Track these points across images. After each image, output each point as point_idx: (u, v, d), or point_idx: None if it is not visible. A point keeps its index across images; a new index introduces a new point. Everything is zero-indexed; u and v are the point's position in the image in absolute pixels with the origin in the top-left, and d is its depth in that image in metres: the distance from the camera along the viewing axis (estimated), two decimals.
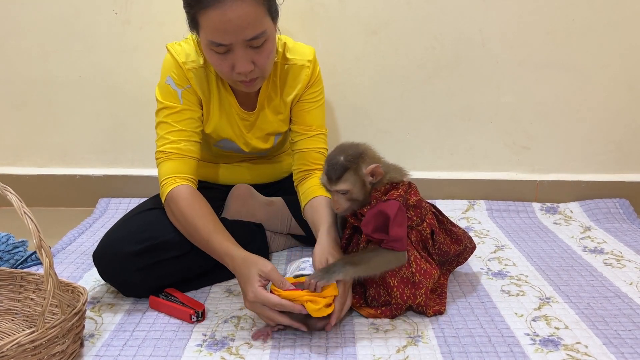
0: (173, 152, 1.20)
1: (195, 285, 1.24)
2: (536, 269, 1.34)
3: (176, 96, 1.22)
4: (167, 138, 1.21)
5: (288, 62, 1.28)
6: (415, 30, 1.72)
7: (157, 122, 1.24)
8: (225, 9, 1.03)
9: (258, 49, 1.10)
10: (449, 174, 1.84)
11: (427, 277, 1.09)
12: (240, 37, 1.06)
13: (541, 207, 1.77)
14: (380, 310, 1.10)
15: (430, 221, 1.13)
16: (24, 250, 1.38)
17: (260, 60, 1.12)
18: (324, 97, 1.35)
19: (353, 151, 1.06)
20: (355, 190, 1.06)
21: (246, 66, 1.10)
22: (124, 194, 1.85)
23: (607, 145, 1.81)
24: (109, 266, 1.14)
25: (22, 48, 1.77)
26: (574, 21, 1.69)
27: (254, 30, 1.06)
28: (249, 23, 1.05)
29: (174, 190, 1.16)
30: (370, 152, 1.09)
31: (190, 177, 1.20)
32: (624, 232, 1.58)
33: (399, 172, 1.12)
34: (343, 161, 1.05)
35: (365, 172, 1.05)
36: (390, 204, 1.05)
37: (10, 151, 1.88)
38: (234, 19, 1.04)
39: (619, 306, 1.15)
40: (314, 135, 1.31)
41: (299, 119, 1.32)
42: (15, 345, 0.81)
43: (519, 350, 0.99)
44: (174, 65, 1.22)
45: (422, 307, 1.09)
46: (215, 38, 1.07)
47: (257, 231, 1.36)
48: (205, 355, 0.98)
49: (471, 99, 1.78)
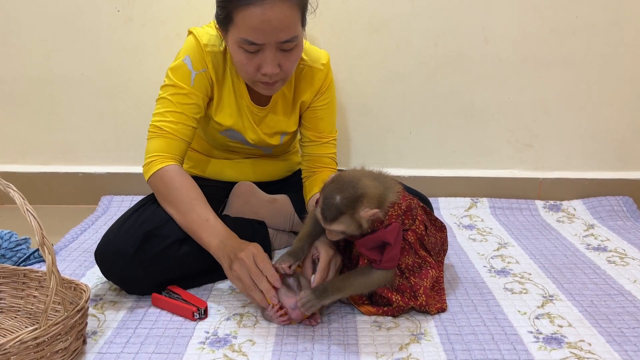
0: (168, 132, 1.20)
1: (198, 283, 1.24)
2: (539, 266, 1.33)
3: (189, 77, 1.21)
4: (165, 116, 1.21)
5: (303, 62, 1.28)
6: (417, 28, 1.71)
7: (160, 96, 1.23)
8: (265, 8, 1.03)
9: (287, 52, 1.11)
10: (452, 171, 1.84)
11: (423, 277, 1.09)
12: (275, 39, 1.07)
13: (544, 205, 1.77)
14: (382, 310, 1.10)
15: (421, 217, 1.11)
16: (26, 247, 1.39)
17: (287, 65, 1.13)
18: (335, 102, 1.36)
19: (351, 193, 0.98)
20: (350, 230, 1.01)
21: (273, 68, 1.11)
22: (126, 192, 1.85)
23: (611, 143, 1.80)
24: (110, 264, 1.14)
25: (24, 46, 1.77)
26: (577, 18, 1.69)
27: (288, 33, 1.07)
28: (286, 25, 1.06)
29: (164, 168, 1.18)
30: (370, 192, 0.99)
31: (180, 159, 1.22)
32: (627, 230, 1.58)
33: (393, 187, 1.06)
34: (339, 204, 0.98)
35: (363, 217, 0.99)
36: (390, 229, 1.02)
37: (13, 149, 1.88)
38: (273, 19, 1.04)
39: (622, 304, 1.14)
40: (326, 142, 1.34)
41: (312, 125, 1.33)
42: (18, 343, 0.81)
43: (522, 348, 0.98)
44: (195, 46, 1.22)
45: (424, 307, 1.09)
46: (250, 36, 1.07)
47: (260, 229, 1.36)
48: (207, 353, 0.98)
49: (474, 96, 1.78)
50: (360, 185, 0.99)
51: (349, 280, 1.06)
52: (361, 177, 1.02)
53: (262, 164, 1.46)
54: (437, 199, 1.78)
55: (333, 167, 1.36)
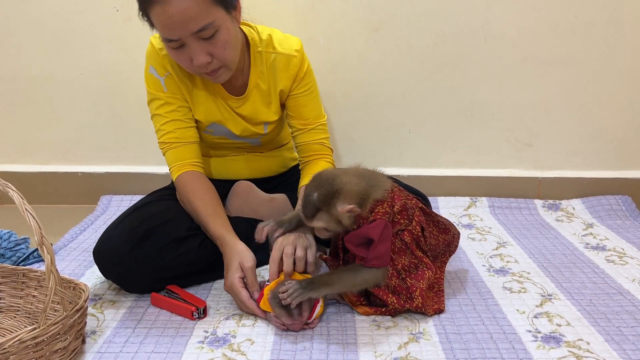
0: (172, 142, 1.26)
1: (197, 281, 1.24)
2: (538, 265, 1.33)
3: (160, 84, 1.25)
4: (163, 130, 1.27)
5: (275, 52, 1.28)
6: (417, 27, 1.71)
7: (152, 114, 1.29)
8: (166, 5, 1.04)
9: (210, 40, 1.10)
10: (451, 170, 1.84)
11: (419, 278, 1.08)
12: (187, 31, 1.07)
13: (543, 204, 1.77)
14: (380, 311, 1.09)
15: (418, 218, 1.10)
16: (26, 247, 1.39)
17: (217, 51, 1.12)
18: (316, 88, 1.35)
19: (327, 189, 1.00)
20: (332, 226, 1.03)
21: (202, 59, 1.11)
22: (125, 191, 1.85)
23: (610, 142, 1.80)
24: (108, 262, 1.15)
25: (23, 45, 1.77)
26: (577, 17, 1.68)
27: (198, 22, 1.06)
28: (191, 16, 1.05)
29: (179, 177, 1.25)
30: (347, 188, 1.00)
31: (193, 162, 1.27)
32: (626, 229, 1.58)
33: (381, 185, 1.06)
34: (315, 200, 1.00)
35: (340, 212, 1.00)
36: (374, 225, 1.01)
37: (12, 149, 1.88)
38: (175, 14, 1.04)
39: (621, 303, 1.14)
40: (313, 129, 1.33)
41: (296, 114, 1.33)
42: (17, 342, 0.81)
43: (521, 347, 0.98)
44: (153, 53, 1.25)
45: (420, 309, 1.08)
46: (165, 34, 1.09)
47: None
48: (206, 352, 0.98)
49: (473, 95, 1.78)
50: (337, 181, 1.01)
51: (337, 276, 1.06)
52: (341, 174, 1.03)
53: (256, 160, 1.45)
54: (436, 198, 1.78)
55: (325, 152, 1.35)
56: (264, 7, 1.70)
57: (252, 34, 1.28)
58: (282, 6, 1.71)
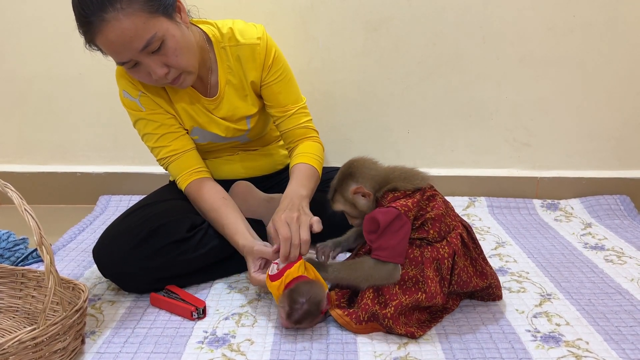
0: (170, 155, 1.27)
1: (196, 281, 1.24)
2: (537, 265, 1.34)
3: (137, 105, 1.25)
4: (157, 147, 1.27)
5: (238, 44, 1.26)
6: (415, 27, 1.71)
7: (141, 135, 1.29)
8: (105, 32, 1.04)
9: (160, 51, 1.09)
10: (450, 170, 1.84)
11: (407, 293, 1.00)
12: (133, 51, 1.07)
13: (542, 204, 1.77)
14: (347, 313, 1.03)
15: (453, 240, 1.02)
16: (24, 247, 1.39)
17: (170, 60, 1.11)
18: (289, 72, 1.33)
19: (342, 172, 1.05)
20: (349, 210, 1.05)
21: (158, 71, 1.11)
22: (124, 191, 1.85)
23: (608, 142, 1.81)
24: (108, 261, 1.15)
25: (22, 45, 1.77)
26: (575, 17, 1.69)
27: (140, 40, 1.06)
28: (132, 36, 1.05)
29: (187, 188, 1.27)
30: (362, 171, 1.03)
31: (196, 169, 1.28)
32: (624, 229, 1.58)
33: (410, 180, 1.03)
34: (335, 183, 1.06)
35: (350, 193, 1.03)
36: (385, 211, 0.98)
37: (10, 149, 1.88)
38: (116, 38, 1.04)
39: (620, 302, 1.15)
40: (293, 114, 1.32)
41: (273, 102, 1.32)
42: (16, 343, 0.81)
43: (520, 347, 0.99)
44: (121, 76, 1.25)
45: (387, 320, 0.99)
46: (115, 58, 1.11)
47: (257, 228, 1.36)
48: (206, 352, 0.98)
49: (472, 95, 1.78)
50: (355, 164, 1.04)
51: (347, 263, 1.07)
52: (367, 161, 1.05)
53: (251, 159, 1.45)
54: None
55: (310, 134, 1.34)
56: (264, 7, 1.70)
57: (212, 31, 1.26)
58: (281, 6, 1.71)
